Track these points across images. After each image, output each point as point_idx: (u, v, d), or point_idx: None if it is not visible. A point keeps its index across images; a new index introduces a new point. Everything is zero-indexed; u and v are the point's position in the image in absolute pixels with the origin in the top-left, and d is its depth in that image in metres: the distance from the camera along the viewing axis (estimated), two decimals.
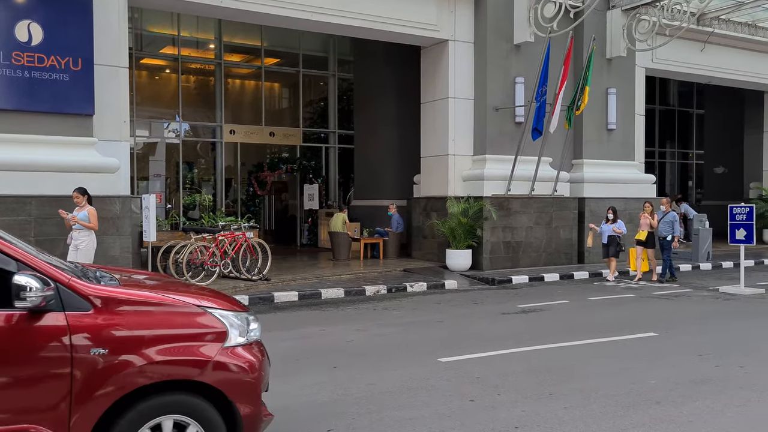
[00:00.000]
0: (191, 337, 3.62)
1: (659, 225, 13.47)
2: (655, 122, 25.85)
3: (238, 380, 3.69)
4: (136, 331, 3.45)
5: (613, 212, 13.84)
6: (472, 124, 15.13)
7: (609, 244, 13.70)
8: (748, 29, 18.87)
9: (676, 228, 13.45)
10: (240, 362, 3.71)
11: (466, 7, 15.00)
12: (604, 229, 13.79)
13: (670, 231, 13.37)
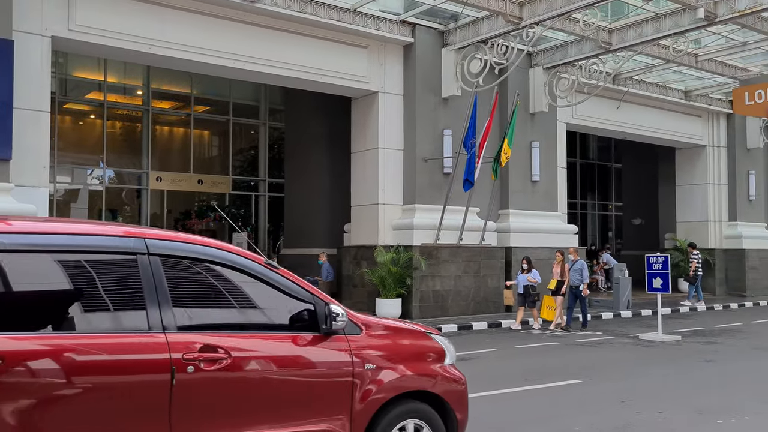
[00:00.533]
0: (424, 356, 4.51)
1: (570, 274, 13.71)
2: (576, 175, 26.91)
3: (455, 391, 4.56)
4: (390, 350, 4.32)
5: (527, 262, 13.98)
6: (401, 174, 15.36)
7: (525, 294, 13.83)
8: (659, 89, 20.08)
9: (585, 275, 13.68)
10: (455, 376, 4.61)
11: (396, 60, 15.39)
12: (520, 279, 13.91)
13: (580, 279, 13.62)
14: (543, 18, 13.47)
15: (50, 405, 3.18)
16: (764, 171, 23.39)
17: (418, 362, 4.43)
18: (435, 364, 4.53)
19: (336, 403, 4.04)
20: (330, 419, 4.01)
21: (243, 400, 3.74)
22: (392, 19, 14.84)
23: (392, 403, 4.24)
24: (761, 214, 23.15)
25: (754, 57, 18.26)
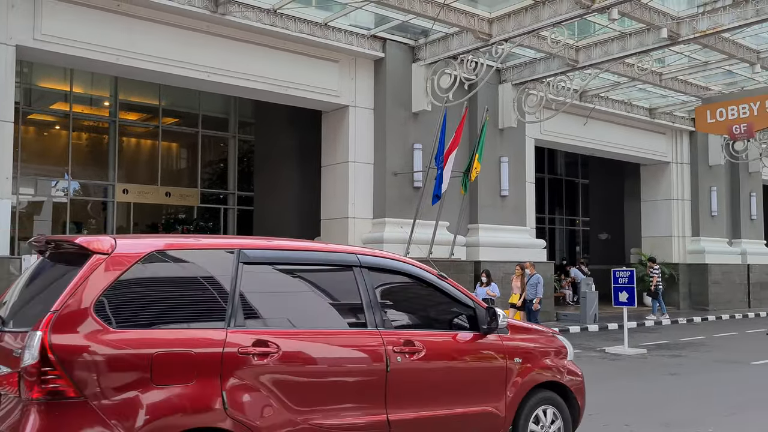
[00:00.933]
0: (553, 353, 5.44)
1: (527, 288, 13.92)
2: (544, 190, 27.24)
3: (577, 382, 5.50)
4: (530, 348, 5.25)
5: (486, 275, 13.97)
6: (371, 187, 15.37)
7: None
8: (625, 107, 20.49)
9: (539, 290, 13.84)
10: (576, 370, 5.57)
11: (367, 75, 15.45)
12: (479, 293, 13.77)
13: (534, 293, 13.78)
14: (512, 35, 13.67)
15: (309, 383, 4.12)
16: (725, 187, 23.95)
17: (550, 358, 5.40)
18: (561, 359, 5.50)
19: (495, 390, 4.96)
20: (491, 403, 4.92)
21: (433, 384, 4.67)
22: (363, 33, 14.92)
23: (532, 392, 5.16)
24: (723, 230, 23.67)
25: (715, 76, 18.75)
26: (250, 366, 3.88)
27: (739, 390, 9.12)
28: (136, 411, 3.51)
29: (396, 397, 4.42)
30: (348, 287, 4.53)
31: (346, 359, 4.34)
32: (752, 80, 18.34)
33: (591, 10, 12.31)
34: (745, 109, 17.35)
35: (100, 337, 3.52)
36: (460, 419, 4.75)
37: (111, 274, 3.68)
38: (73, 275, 3.65)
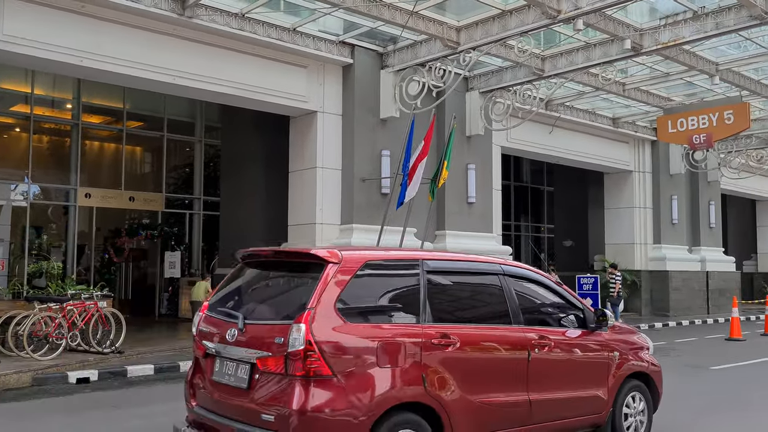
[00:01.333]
0: (639, 347, 6.54)
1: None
2: (510, 197, 27.53)
3: (657, 372, 6.62)
4: (623, 343, 6.34)
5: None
6: (339, 193, 15.34)
7: None
8: (589, 116, 20.83)
9: None
10: (655, 362, 6.69)
11: (335, 80, 15.44)
12: None
13: None
14: (479, 43, 13.80)
15: (477, 367, 5.17)
16: (685, 196, 24.50)
17: (638, 351, 6.49)
18: (645, 353, 6.60)
19: (601, 377, 6.03)
20: (599, 389, 5.99)
21: (558, 371, 5.73)
22: (332, 39, 14.91)
23: (626, 380, 6.23)
24: (683, 237, 24.19)
25: (676, 87, 19.18)
26: (439, 353, 4.91)
27: (699, 394, 9.30)
28: (368, 386, 4.52)
29: (534, 381, 5.50)
30: (495, 291, 5.64)
31: (504, 348, 5.40)
32: (711, 91, 18.80)
33: (557, 21, 12.49)
34: (704, 119, 17.77)
35: (341, 328, 4.56)
36: (577, 401, 5.85)
37: (343, 279, 4.70)
38: (313, 280, 4.66)
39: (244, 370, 4.69)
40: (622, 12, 13.54)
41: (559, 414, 5.71)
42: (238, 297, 5.36)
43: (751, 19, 12.54)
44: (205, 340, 5.13)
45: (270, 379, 4.52)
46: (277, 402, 4.42)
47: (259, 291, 5.38)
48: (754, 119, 20.42)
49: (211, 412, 4.92)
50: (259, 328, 4.73)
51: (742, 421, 7.70)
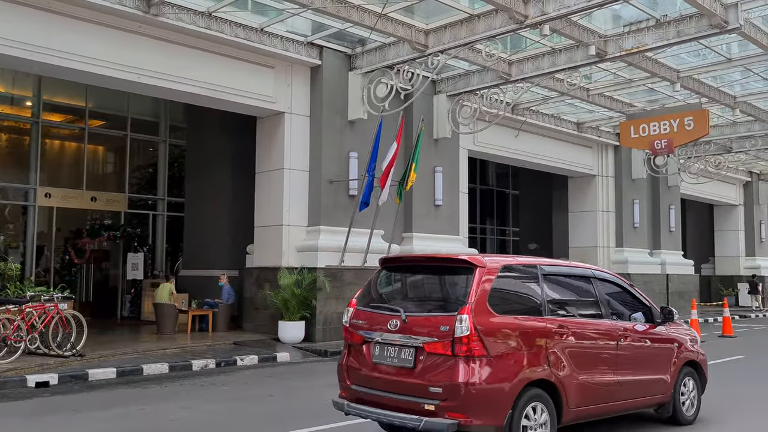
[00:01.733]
0: (690, 339, 7.74)
1: None
2: (476, 200, 27.72)
3: (704, 360, 7.85)
4: (681, 336, 7.60)
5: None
6: (307, 195, 15.27)
7: None
8: (554, 120, 21.10)
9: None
10: (702, 352, 7.89)
11: (303, 82, 15.37)
12: None
13: None
14: (447, 47, 13.88)
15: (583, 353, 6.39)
16: (647, 200, 24.97)
17: (690, 344, 7.71)
18: (695, 344, 7.80)
19: (665, 364, 7.32)
20: (665, 373, 7.29)
21: (636, 357, 6.97)
22: (300, 40, 14.85)
23: (683, 367, 7.50)
24: (644, 241, 24.65)
25: (638, 93, 19.56)
26: (557, 341, 6.13)
27: None
28: (513, 365, 5.72)
29: (620, 365, 6.72)
30: (590, 291, 6.92)
31: (599, 338, 6.64)
32: (672, 98, 19.22)
33: (524, 26, 12.63)
34: (665, 125, 18.13)
35: (492, 319, 5.71)
36: (649, 383, 7.12)
37: (489, 279, 5.86)
38: (465, 281, 5.83)
39: (409, 353, 5.75)
40: (587, 18, 13.76)
41: (637, 393, 6.98)
42: (389, 295, 6.56)
43: (711, 27, 12.86)
44: (361, 330, 6.16)
45: (435, 359, 5.61)
46: (444, 376, 5.51)
47: (411, 289, 6.59)
48: (713, 126, 20.93)
49: (371, 388, 6.00)
50: (421, 319, 5.83)
51: (705, 424, 7.86)
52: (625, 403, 6.88)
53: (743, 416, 8.21)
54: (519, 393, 5.66)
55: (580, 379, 6.23)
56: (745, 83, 18.72)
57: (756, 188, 31.86)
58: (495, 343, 5.64)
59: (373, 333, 6.02)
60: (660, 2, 13.39)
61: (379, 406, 5.86)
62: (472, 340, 5.49)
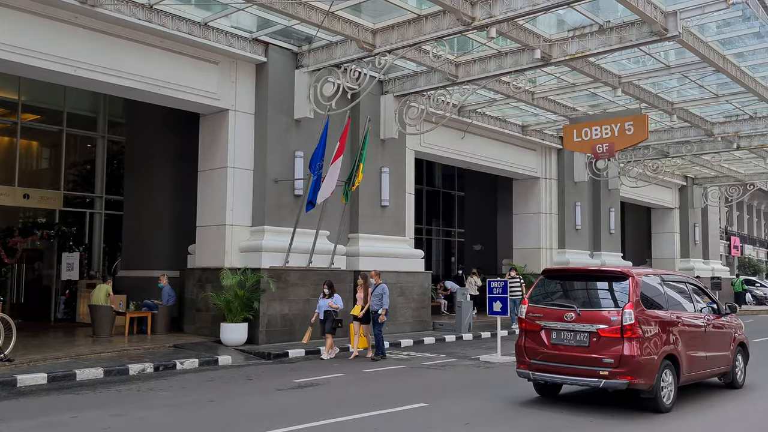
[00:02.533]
0: (739, 326, 10.35)
1: (371, 298, 13.07)
2: (423, 201, 27.78)
3: (747, 341, 10.51)
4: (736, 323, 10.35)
5: (329, 287, 13.21)
6: (251, 194, 14.97)
7: (325, 319, 13.03)
8: (499, 123, 21.32)
9: (385, 300, 12.97)
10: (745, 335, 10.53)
11: (248, 79, 15.07)
12: (321, 304, 13.16)
13: (380, 304, 12.95)
14: (395, 47, 13.81)
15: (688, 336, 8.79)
16: (588, 202, 25.50)
17: (740, 329, 10.30)
18: (741, 330, 10.35)
19: (727, 344, 9.79)
20: (728, 350, 9.75)
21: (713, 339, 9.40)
22: (245, 36, 14.54)
23: (737, 346, 10.03)
24: (585, 242, 25.17)
25: (581, 98, 19.93)
26: (675, 328, 8.61)
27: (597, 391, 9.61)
28: (657, 343, 8.18)
29: (706, 344, 9.25)
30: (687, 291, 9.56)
31: (696, 326, 9.13)
32: (614, 103, 19.65)
33: (471, 28, 12.67)
34: (607, 130, 18.47)
35: (643, 313, 8.17)
36: (720, 357, 9.61)
37: (638, 285, 8.33)
38: (623, 286, 8.31)
39: (584, 336, 8.18)
40: (533, 22, 13.91)
41: (714, 365, 9.48)
42: (558, 295, 8.95)
43: (651, 34, 13.17)
44: (538, 320, 8.61)
45: (605, 340, 8.05)
46: (615, 351, 7.96)
47: (574, 292, 8.99)
48: (651, 131, 21.51)
49: (549, 362, 8.40)
50: (594, 312, 8.36)
51: (649, 423, 8.00)
52: (708, 372, 9.46)
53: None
54: (660, 362, 8.19)
55: (688, 354, 8.74)
56: (682, 90, 19.29)
57: (691, 192, 32.97)
58: (646, 329, 8.14)
59: (550, 322, 8.47)
60: (603, 8, 13.62)
61: (558, 374, 8.35)
62: (634, 326, 8.00)
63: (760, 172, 30.89)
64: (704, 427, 8.00)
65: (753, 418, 8.53)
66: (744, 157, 27.25)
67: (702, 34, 14.68)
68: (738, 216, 50.22)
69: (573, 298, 8.77)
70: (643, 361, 7.92)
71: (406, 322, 17.27)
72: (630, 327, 7.92)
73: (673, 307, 8.86)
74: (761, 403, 9.45)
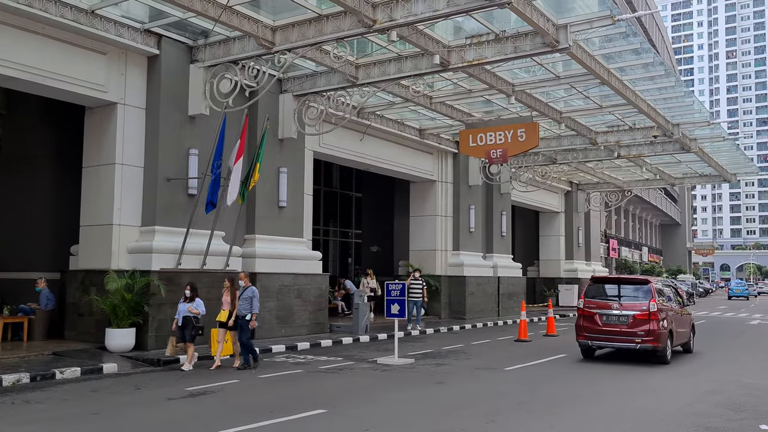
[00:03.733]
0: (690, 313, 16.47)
1: (239, 302, 12.08)
2: (321, 202, 27.58)
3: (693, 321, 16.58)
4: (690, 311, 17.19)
5: (191, 289, 12.07)
6: (141, 193, 14.28)
7: (184, 326, 11.92)
8: (398, 126, 21.52)
9: (255, 305, 12.02)
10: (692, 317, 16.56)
11: (139, 71, 14.36)
12: (180, 309, 12.04)
13: (249, 309, 11.97)
14: (295, 46, 13.59)
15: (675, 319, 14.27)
16: (482, 206, 26.25)
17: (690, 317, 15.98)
18: (692, 316, 16.09)
19: (688, 324, 15.48)
20: (688, 328, 15.38)
21: (682, 322, 14.86)
22: (136, 27, 13.85)
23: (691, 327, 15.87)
24: (479, 245, 25.89)
25: (477, 104, 20.47)
26: (672, 314, 14.00)
27: (497, 396, 9.85)
28: (665, 322, 13.49)
29: (679, 324, 14.32)
30: (671, 290, 15.37)
31: (677, 312, 14.46)
32: (507, 110, 20.31)
33: (372, 30, 12.66)
34: (501, 136, 19.08)
35: (660, 304, 13.44)
36: (685, 333, 14.96)
37: (653, 287, 13.71)
38: (648, 289, 13.59)
39: (625, 318, 13.24)
40: (432, 28, 14.10)
41: (683, 338, 14.81)
42: (602, 293, 13.91)
43: (544, 45, 13.68)
44: (592, 308, 13.58)
45: (639, 321, 13.13)
46: (645, 327, 13.07)
47: (616, 291, 13.83)
48: (541, 138, 22.42)
49: (599, 338, 13.50)
50: (631, 303, 13.40)
51: (535, 422, 8.25)
52: (681, 341, 14.74)
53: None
54: (667, 334, 13.29)
55: (675, 330, 13.94)
56: (570, 100, 20.23)
57: (575, 197, 34.70)
58: (662, 314, 13.27)
59: (602, 310, 13.56)
60: (499, 18, 14.01)
61: (608, 341, 13.53)
62: (657, 312, 13.12)
63: (637, 180, 32.97)
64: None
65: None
66: (623, 165, 28.97)
67: (588, 47, 15.42)
68: (616, 220, 53.42)
69: (612, 295, 13.85)
70: (660, 333, 13.13)
71: (303, 324, 17.06)
72: (654, 313, 13.14)
73: (667, 301, 14.06)
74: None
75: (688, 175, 31.93)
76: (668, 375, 12.15)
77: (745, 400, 9.66)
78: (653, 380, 11.47)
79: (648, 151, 24.77)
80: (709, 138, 24.46)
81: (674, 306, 14.30)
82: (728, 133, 26.12)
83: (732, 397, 9.83)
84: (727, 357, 15.30)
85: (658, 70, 17.64)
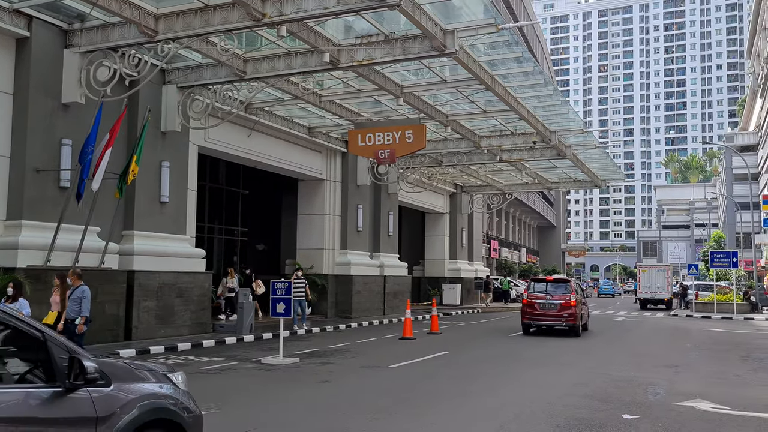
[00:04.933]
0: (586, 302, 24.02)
1: (68, 304, 10.68)
2: (205, 199, 26.76)
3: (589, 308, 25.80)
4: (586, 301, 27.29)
5: (14, 287, 10.53)
6: (6, 184, 13.27)
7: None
8: (287, 123, 21.29)
9: (85, 307, 10.56)
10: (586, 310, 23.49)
11: (7, 54, 13.37)
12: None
13: (77, 311, 10.54)
14: (179, 36, 13.12)
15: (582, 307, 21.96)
16: (370, 205, 26.49)
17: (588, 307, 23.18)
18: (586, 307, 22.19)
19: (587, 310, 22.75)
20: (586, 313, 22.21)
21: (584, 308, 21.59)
22: (4, 5, 12.86)
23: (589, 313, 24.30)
24: (366, 244, 26.10)
25: (366, 104, 20.63)
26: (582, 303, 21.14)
27: (381, 394, 9.95)
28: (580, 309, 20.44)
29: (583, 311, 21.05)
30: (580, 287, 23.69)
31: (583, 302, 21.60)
32: (396, 111, 20.61)
33: (261, 24, 12.43)
34: (389, 136, 19.35)
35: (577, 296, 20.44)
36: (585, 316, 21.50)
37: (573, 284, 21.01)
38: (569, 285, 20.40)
39: (555, 306, 19.51)
40: (322, 26, 14.06)
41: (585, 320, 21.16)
42: (538, 289, 20.16)
43: (432, 49, 13.98)
44: (532, 299, 19.89)
45: (565, 308, 19.44)
46: (569, 312, 19.41)
47: (545, 287, 20.14)
48: (429, 140, 22.86)
49: (537, 319, 19.83)
50: (558, 296, 19.68)
51: (418, 419, 8.39)
52: (583, 323, 20.18)
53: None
54: (581, 316, 19.86)
55: (584, 315, 20.51)
56: (455, 104, 20.82)
57: (459, 199, 35.79)
58: (578, 304, 19.69)
59: (539, 300, 19.62)
60: (388, 19, 14.19)
61: (544, 322, 19.67)
62: (575, 303, 19.47)
63: (517, 183, 34.47)
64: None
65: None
66: (505, 168, 30.20)
67: (474, 53, 15.93)
68: (497, 222, 55.58)
69: (545, 290, 19.79)
70: (578, 316, 19.21)
71: (184, 324, 16.49)
72: (575, 302, 19.23)
73: (577, 295, 19.78)
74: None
75: (564, 179, 33.77)
76: (541, 371, 12.74)
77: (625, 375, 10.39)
78: (526, 375, 12.00)
79: (528, 156, 25.96)
80: (583, 145, 25.97)
81: (582, 299, 20.96)
82: (599, 142, 27.87)
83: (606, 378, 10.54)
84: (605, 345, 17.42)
85: (537, 78, 18.52)
